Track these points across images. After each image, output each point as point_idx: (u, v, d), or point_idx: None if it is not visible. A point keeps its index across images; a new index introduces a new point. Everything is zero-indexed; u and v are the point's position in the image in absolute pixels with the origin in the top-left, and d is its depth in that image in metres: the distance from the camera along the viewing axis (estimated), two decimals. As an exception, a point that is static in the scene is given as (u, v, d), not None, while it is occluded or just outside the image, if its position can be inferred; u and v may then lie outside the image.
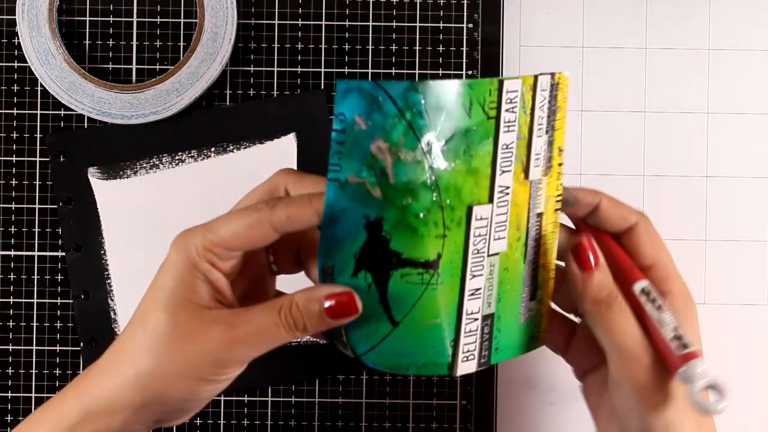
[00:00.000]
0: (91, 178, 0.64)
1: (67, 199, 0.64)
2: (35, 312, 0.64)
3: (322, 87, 0.65)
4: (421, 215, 0.44)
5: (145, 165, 0.64)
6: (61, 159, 0.64)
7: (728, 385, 0.45)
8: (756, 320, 0.65)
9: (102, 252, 0.64)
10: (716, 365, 0.65)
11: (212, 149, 0.64)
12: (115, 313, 0.64)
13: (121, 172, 0.64)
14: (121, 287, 0.64)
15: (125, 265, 0.64)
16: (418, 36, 0.65)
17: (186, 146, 0.64)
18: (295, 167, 0.64)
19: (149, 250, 0.63)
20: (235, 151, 0.64)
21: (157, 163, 0.64)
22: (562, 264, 0.50)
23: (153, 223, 0.64)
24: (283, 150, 0.64)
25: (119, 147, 0.64)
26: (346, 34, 0.65)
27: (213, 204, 0.63)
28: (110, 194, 0.64)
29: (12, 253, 0.64)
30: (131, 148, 0.64)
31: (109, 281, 0.64)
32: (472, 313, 0.47)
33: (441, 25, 0.65)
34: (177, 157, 0.64)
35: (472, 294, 0.46)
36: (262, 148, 0.64)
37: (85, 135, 0.64)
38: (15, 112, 0.65)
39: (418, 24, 0.65)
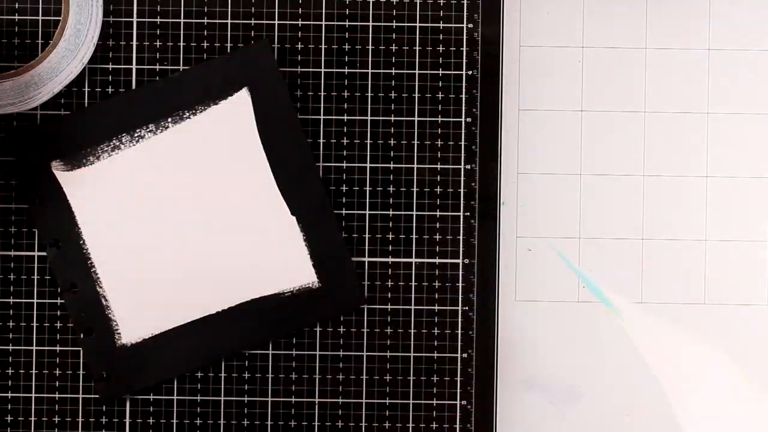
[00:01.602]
0: (55, 172, 0.64)
1: (38, 199, 0.64)
2: (35, 312, 0.64)
3: (272, 39, 0.65)
4: None
5: (105, 148, 0.64)
6: (24, 157, 0.64)
7: None
8: (756, 320, 0.65)
9: (81, 242, 0.63)
10: (715, 365, 0.65)
11: (168, 119, 0.64)
12: (106, 300, 0.64)
13: (84, 160, 0.64)
14: (108, 273, 0.64)
15: (108, 251, 0.64)
16: (418, 36, 0.65)
17: (143, 122, 0.64)
18: (254, 121, 0.64)
19: (129, 232, 0.63)
20: (191, 116, 0.64)
21: (118, 144, 0.64)
22: None
23: (126, 203, 0.64)
24: (239, 106, 0.64)
25: (77, 135, 0.64)
26: (346, 34, 0.65)
27: (182, 173, 0.63)
28: (78, 184, 0.64)
29: (12, 253, 0.64)
30: (89, 135, 0.64)
31: (94, 269, 0.64)
32: None
33: (441, 25, 0.65)
34: (136, 135, 0.64)
35: None
36: (217, 108, 0.64)
37: (39, 130, 0.64)
38: None
39: (418, 24, 0.65)
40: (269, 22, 0.65)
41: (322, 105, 0.65)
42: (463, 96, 0.65)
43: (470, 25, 0.65)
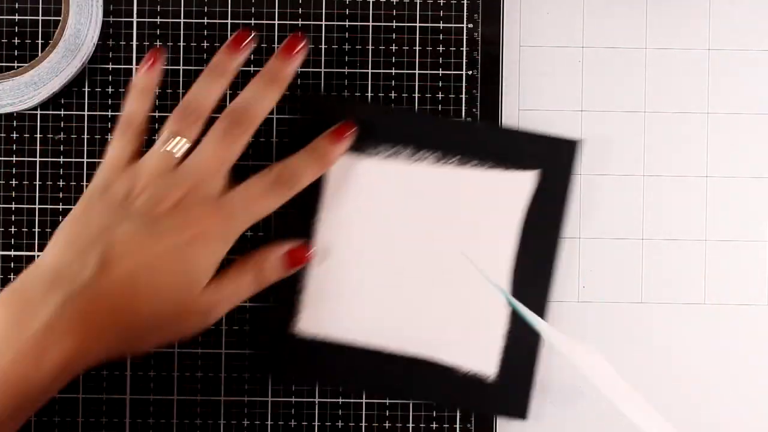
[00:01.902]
0: None
1: None
2: (35, 312, 0.64)
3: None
4: None
5: (386, 150, 0.63)
6: (310, 120, 0.63)
7: None
8: (755, 320, 0.65)
9: (315, 219, 0.63)
10: (715, 366, 0.65)
11: (455, 158, 0.63)
12: (305, 282, 0.63)
13: (361, 149, 0.63)
14: (320, 258, 0.63)
15: (330, 238, 0.63)
16: (418, 36, 0.65)
17: (431, 146, 0.63)
18: (526, 204, 0.63)
19: (357, 235, 0.63)
20: (475, 168, 0.63)
21: (399, 152, 0.63)
22: None
23: (370, 208, 0.63)
24: (521, 184, 0.63)
25: (367, 124, 0.63)
26: (346, 34, 0.65)
27: (433, 211, 0.63)
28: (344, 166, 0.63)
29: (12, 253, 0.64)
30: (378, 130, 0.63)
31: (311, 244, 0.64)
32: None
33: (441, 25, 0.65)
34: (419, 154, 0.63)
35: None
36: (501, 174, 0.63)
37: (339, 103, 0.63)
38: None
39: (418, 24, 0.65)
40: (269, 22, 0.65)
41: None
42: (463, 96, 0.65)
43: (470, 25, 0.65)
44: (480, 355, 0.63)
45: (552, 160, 0.63)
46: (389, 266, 0.63)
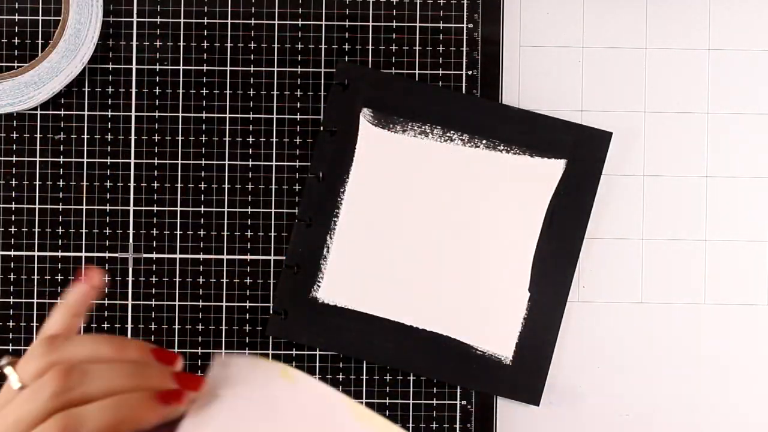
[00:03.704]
0: (362, 118, 0.64)
1: (332, 130, 0.64)
2: (35, 312, 0.64)
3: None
4: None
5: (416, 127, 0.64)
6: (343, 90, 0.64)
7: None
8: (756, 320, 0.65)
9: (342, 190, 0.64)
10: (715, 365, 0.65)
11: (483, 141, 0.64)
12: (327, 251, 0.64)
13: (391, 125, 0.64)
14: (344, 227, 0.64)
15: (356, 210, 0.64)
16: (418, 36, 0.65)
17: (460, 127, 0.64)
18: (551, 192, 0.63)
19: (383, 204, 0.64)
20: (503, 152, 0.64)
21: (428, 131, 0.64)
22: None
23: (399, 183, 0.64)
24: (548, 173, 0.63)
25: (399, 100, 0.64)
26: (346, 34, 0.65)
27: (460, 193, 0.64)
28: (373, 141, 0.64)
29: (12, 253, 0.64)
30: (409, 107, 0.64)
31: (336, 219, 0.64)
32: None
33: (441, 25, 0.65)
34: (448, 134, 0.64)
35: None
36: (528, 161, 0.64)
37: (373, 76, 0.64)
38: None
39: (418, 24, 0.65)
40: (269, 22, 0.65)
41: (321, 105, 0.65)
42: (463, 96, 0.65)
43: (470, 25, 0.65)
44: (498, 338, 0.64)
45: (582, 150, 0.64)
46: (411, 244, 0.64)
